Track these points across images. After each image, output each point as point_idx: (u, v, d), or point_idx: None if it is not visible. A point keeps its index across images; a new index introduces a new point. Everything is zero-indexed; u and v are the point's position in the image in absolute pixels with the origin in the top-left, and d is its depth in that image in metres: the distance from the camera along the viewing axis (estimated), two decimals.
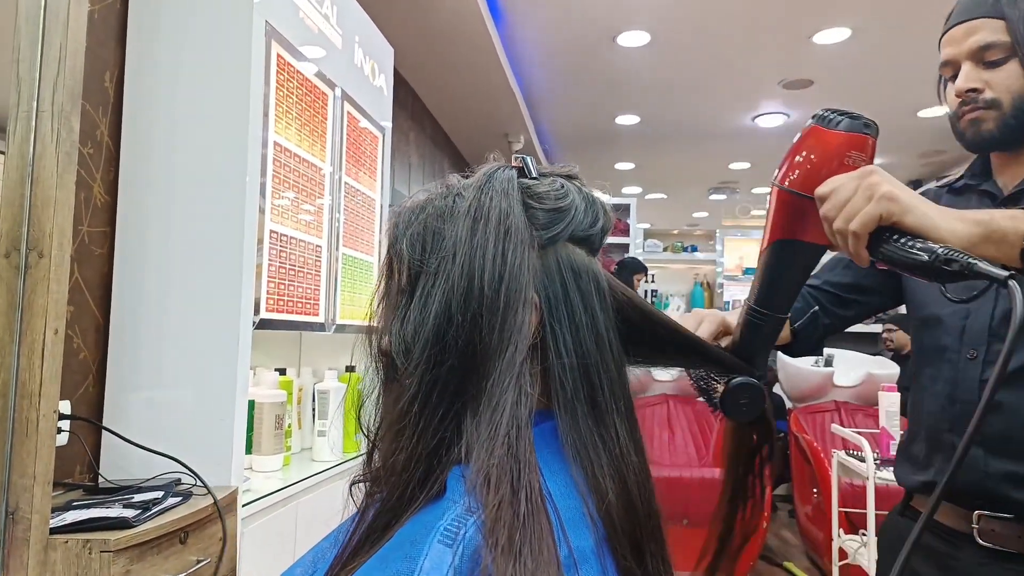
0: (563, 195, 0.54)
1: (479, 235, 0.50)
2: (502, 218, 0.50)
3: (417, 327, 0.50)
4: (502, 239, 0.49)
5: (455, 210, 0.52)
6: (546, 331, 0.50)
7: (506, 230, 0.50)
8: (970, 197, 0.99)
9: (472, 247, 0.49)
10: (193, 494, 1.20)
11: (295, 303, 1.61)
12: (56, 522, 0.98)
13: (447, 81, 3.70)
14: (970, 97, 0.91)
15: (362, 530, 0.49)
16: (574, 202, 0.54)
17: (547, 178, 0.55)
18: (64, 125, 0.93)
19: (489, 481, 0.43)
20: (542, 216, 0.52)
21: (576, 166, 0.58)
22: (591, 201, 0.55)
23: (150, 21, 1.42)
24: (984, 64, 0.91)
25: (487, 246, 0.49)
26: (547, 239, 0.52)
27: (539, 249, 0.52)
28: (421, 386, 0.48)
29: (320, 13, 1.75)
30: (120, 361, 1.36)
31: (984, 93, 0.90)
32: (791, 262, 0.67)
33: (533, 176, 0.54)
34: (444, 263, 0.50)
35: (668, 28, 3.42)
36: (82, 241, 1.33)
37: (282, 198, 1.55)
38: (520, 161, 0.55)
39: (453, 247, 0.50)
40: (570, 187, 0.55)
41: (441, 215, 0.52)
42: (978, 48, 0.90)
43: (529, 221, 0.52)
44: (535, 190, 0.53)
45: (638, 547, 0.49)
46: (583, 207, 0.54)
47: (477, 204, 0.51)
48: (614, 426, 0.50)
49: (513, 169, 0.54)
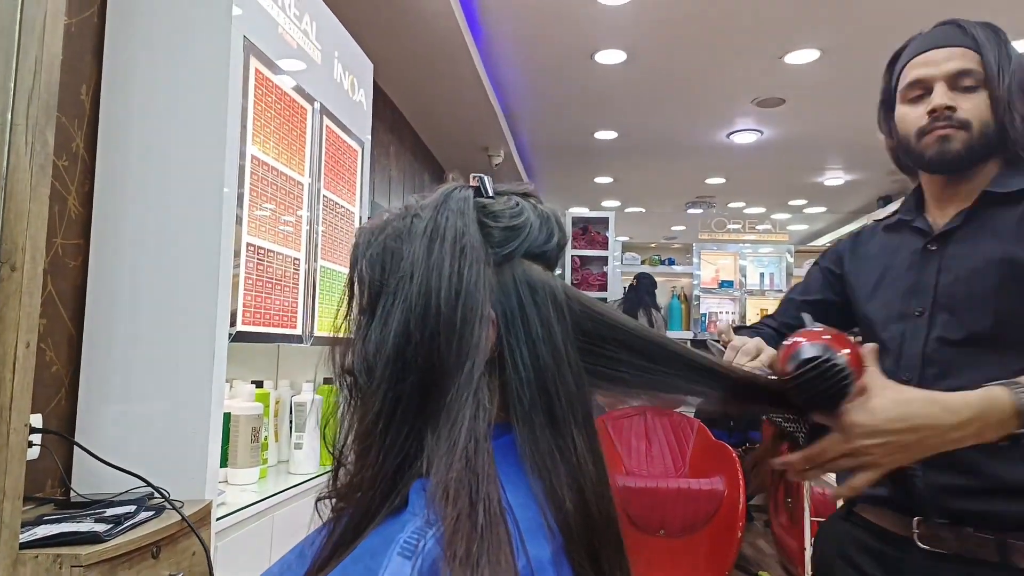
0: (518, 213, 0.55)
1: (435, 254, 0.51)
2: (458, 237, 0.52)
3: (378, 346, 0.51)
4: (458, 257, 0.51)
5: (412, 230, 0.53)
6: (503, 346, 0.52)
7: (462, 248, 0.51)
8: (903, 234, 1.04)
9: (429, 266, 0.51)
10: (166, 508, 1.19)
11: (272, 315, 1.61)
12: (26, 536, 0.97)
13: (427, 95, 3.73)
14: (945, 114, 0.95)
15: (330, 545, 0.50)
16: (529, 219, 0.55)
17: (503, 197, 0.56)
18: (38, 138, 0.93)
19: (448, 494, 0.44)
20: (497, 234, 0.54)
21: (532, 184, 0.60)
22: (545, 218, 0.57)
23: (127, 35, 1.42)
24: (958, 89, 0.95)
25: (443, 265, 0.50)
26: (503, 256, 0.54)
27: (495, 266, 0.53)
28: (384, 403, 0.50)
29: (299, 28, 1.76)
30: (93, 374, 1.35)
31: (958, 112, 0.95)
32: None
33: (489, 195, 0.56)
34: (402, 283, 0.51)
35: (644, 47, 3.49)
36: (56, 253, 1.32)
37: (260, 211, 1.55)
38: (477, 180, 0.56)
39: (411, 267, 0.51)
40: (525, 205, 0.56)
41: (399, 235, 0.53)
42: (956, 72, 0.94)
43: (485, 239, 0.53)
44: (490, 209, 0.55)
45: (595, 555, 0.50)
46: (538, 224, 0.56)
47: (433, 224, 0.52)
48: (571, 437, 0.51)
49: (470, 189, 0.56)
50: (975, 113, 0.94)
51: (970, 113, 0.94)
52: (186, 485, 1.27)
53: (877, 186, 6.07)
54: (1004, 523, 0.88)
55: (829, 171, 5.80)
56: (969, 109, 0.94)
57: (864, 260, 1.10)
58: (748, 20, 3.17)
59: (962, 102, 0.95)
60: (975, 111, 0.94)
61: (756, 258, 5.90)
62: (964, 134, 0.94)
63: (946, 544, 0.91)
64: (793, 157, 5.36)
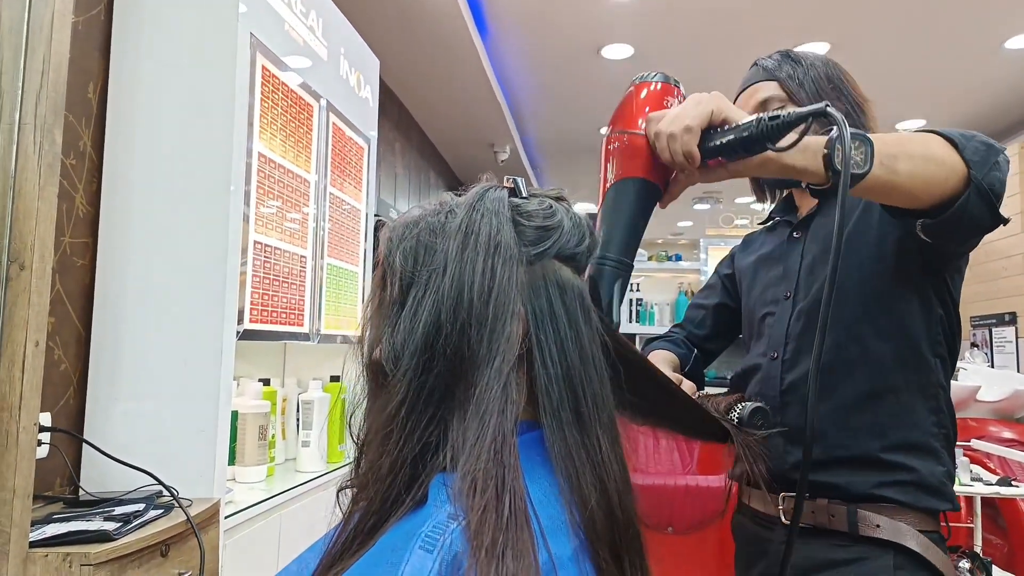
0: (551, 214, 0.56)
1: (469, 250, 0.52)
2: (492, 235, 0.52)
3: (407, 335, 0.51)
4: (491, 254, 0.51)
5: (447, 226, 0.54)
6: (532, 342, 0.52)
7: (496, 246, 0.52)
8: (778, 229, 1.14)
9: (462, 261, 0.51)
10: (175, 506, 1.19)
11: (279, 313, 1.61)
12: (36, 535, 0.97)
13: (433, 92, 3.72)
14: None
15: (346, 535, 0.50)
16: (561, 221, 0.56)
17: (536, 198, 0.57)
18: (47, 137, 0.93)
19: (476, 485, 0.45)
20: (530, 233, 0.54)
21: (564, 189, 0.60)
22: (577, 222, 0.58)
23: (135, 33, 1.42)
24: None
25: (476, 260, 0.51)
26: (534, 255, 0.54)
27: (527, 265, 0.54)
28: (409, 391, 0.50)
29: (305, 25, 1.76)
30: (102, 372, 1.35)
31: None
32: (630, 201, 0.76)
33: (523, 196, 0.56)
34: (435, 275, 0.52)
35: (651, 42, 3.47)
36: (64, 252, 1.32)
37: (267, 208, 1.55)
38: (512, 182, 0.57)
39: (444, 260, 0.52)
40: (558, 207, 0.57)
41: (433, 230, 0.54)
42: (760, 103, 1.06)
43: (518, 238, 0.54)
44: (524, 208, 0.55)
45: (618, 555, 0.51)
46: (570, 227, 0.56)
47: (468, 221, 0.53)
48: (597, 436, 0.52)
49: (504, 189, 0.56)
50: None
51: None
52: (194, 483, 1.27)
53: None
54: (854, 494, 0.93)
55: None
56: None
57: (747, 262, 1.19)
58: (756, 13, 3.15)
59: None
60: None
61: None
62: None
63: (804, 517, 0.96)
64: None
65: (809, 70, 1.04)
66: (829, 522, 0.93)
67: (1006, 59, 3.54)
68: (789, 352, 1.00)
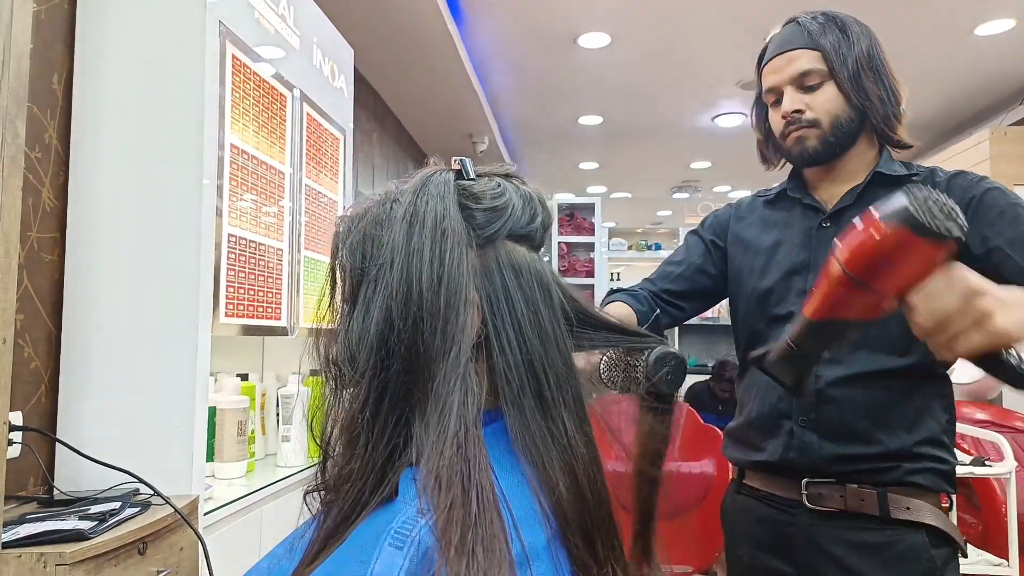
0: (499, 194, 0.54)
1: (415, 239, 0.50)
2: (438, 220, 0.50)
3: (361, 334, 0.50)
4: (438, 241, 0.50)
5: (392, 216, 0.52)
6: (489, 330, 0.51)
7: (442, 232, 0.50)
8: (794, 211, 1.11)
9: (409, 251, 0.50)
10: (152, 504, 1.18)
11: (256, 307, 1.59)
12: (9, 536, 0.95)
13: (410, 82, 3.69)
14: (794, 117, 1.03)
15: (320, 538, 0.49)
16: (511, 200, 0.54)
17: (484, 178, 0.55)
18: (9, 129, 0.90)
19: (440, 482, 0.44)
20: (479, 216, 0.53)
21: (514, 165, 0.58)
22: (528, 198, 0.56)
23: (99, 22, 1.38)
24: (804, 89, 1.03)
25: (423, 249, 0.50)
26: (485, 238, 0.53)
27: (478, 249, 0.52)
28: (370, 392, 0.49)
29: (276, 14, 1.73)
30: (74, 370, 1.33)
31: (806, 113, 1.03)
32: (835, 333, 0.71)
33: (471, 177, 0.54)
34: (383, 270, 0.50)
35: (628, 30, 3.46)
36: (31, 247, 1.29)
37: (241, 201, 1.53)
38: (458, 163, 0.55)
39: (391, 253, 0.50)
40: (507, 185, 0.55)
41: (379, 222, 0.52)
42: (798, 74, 1.02)
43: (467, 222, 0.52)
44: (471, 190, 0.53)
45: (590, 538, 0.50)
46: (520, 204, 0.55)
47: (413, 209, 0.51)
48: (562, 420, 0.51)
49: (451, 172, 0.55)
50: (823, 109, 1.02)
51: (818, 111, 1.02)
52: (172, 480, 1.25)
53: None
54: (884, 480, 0.99)
55: None
56: (817, 106, 1.02)
57: (749, 235, 1.15)
58: (733, 1, 3.16)
59: (810, 101, 1.02)
60: (823, 107, 1.02)
61: None
62: (816, 131, 1.02)
63: (832, 501, 1.00)
64: None
65: (854, 44, 1.01)
66: (859, 506, 0.99)
67: (976, 45, 3.60)
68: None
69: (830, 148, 1.03)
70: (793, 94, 1.03)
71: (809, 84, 1.02)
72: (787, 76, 1.03)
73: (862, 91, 1.00)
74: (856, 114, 1.02)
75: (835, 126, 1.02)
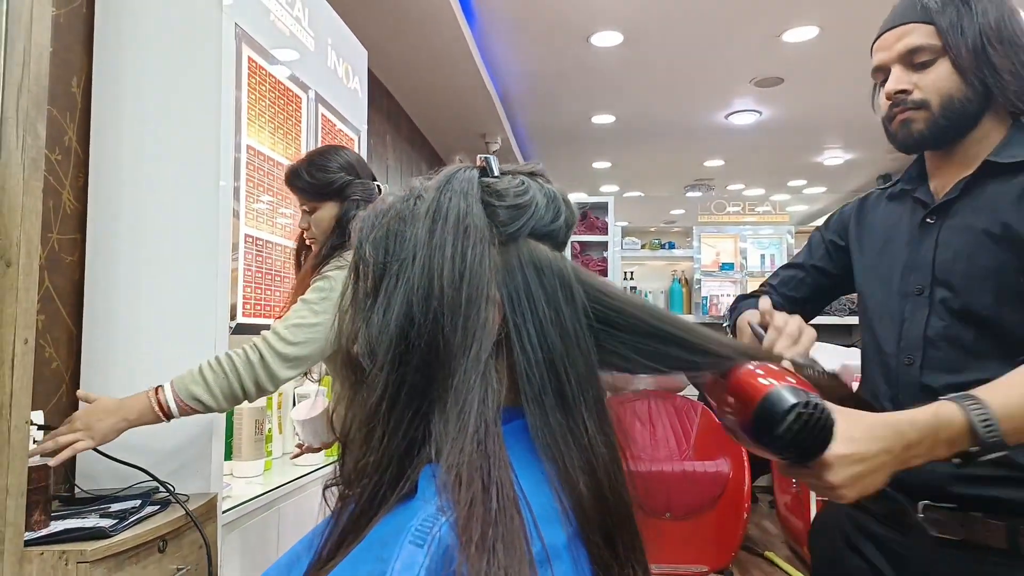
0: (523, 191, 0.54)
1: (437, 235, 0.50)
2: (460, 217, 0.51)
3: (381, 329, 0.50)
4: (460, 238, 0.50)
5: (415, 212, 0.52)
6: (510, 327, 0.51)
7: (465, 229, 0.50)
8: (905, 204, 1.01)
9: (431, 247, 0.50)
10: (171, 502, 1.19)
11: (273, 307, 1.60)
12: (31, 534, 0.97)
13: (423, 82, 3.70)
14: (899, 99, 0.93)
15: (336, 534, 0.49)
16: (534, 198, 0.54)
17: (508, 176, 0.55)
18: (29, 131, 0.91)
19: (460, 479, 0.44)
20: (502, 213, 0.52)
21: (540, 163, 0.58)
22: (552, 196, 0.55)
23: (117, 25, 1.40)
24: (913, 67, 0.93)
25: (445, 246, 0.50)
26: (508, 236, 0.52)
27: (500, 246, 0.52)
28: (388, 387, 0.49)
29: (291, 16, 1.74)
30: (94, 370, 1.34)
31: (913, 94, 0.92)
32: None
33: (495, 175, 0.54)
34: (405, 264, 0.50)
35: (641, 28, 3.45)
36: (52, 249, 1.31)
37: (257, 202, 1.54)
38: (483, 160, 0.55)
39: (413, 248, 0.50)
40: (531, 183, 0.55)
41: (402, 218, 0.52)
42: (907, 51, 0.92)
43: (490, 219, 0.52)
44: (495, 188, 0.53)
45: (610, 536, 0.50)
46: (544, 202, 0.54)
47: (436, 205, 0.51)
48: (583, 419, 0.50)
49: (475, 169, 0.55)
50: (933, 89, 0.91)
51: (927, 91, 0.92)
52: (191, 479, 1.27)
53: (877, 165, 6.04)
54: (1014, 509, 0.86)
55: (828, 151, 5.76)
56: (926, 86, 0.92)
57: (867, 231, 1.07)
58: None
59: (919, 80, 0.92)
60: (933, 87, 0.91)
61: (756, 240, 5.87)
62: (924, 113, 0.92)
63: (952, 530, 0.89)
64: (792, 137, 5.33)
65: (978, 16, 0.89)
66: (985, 538, 0.87)
67: None
68: (932, 361, 0.91)
69: (941, 132, 0.92)
70: (900, 72, 0.93)
71: (919, 61, 0.91)
72: (895, 53, 0.93)
73: (989, 66, 0.89)
74: (975, 94, 0.90)
75: (946, 107, 0.91)
